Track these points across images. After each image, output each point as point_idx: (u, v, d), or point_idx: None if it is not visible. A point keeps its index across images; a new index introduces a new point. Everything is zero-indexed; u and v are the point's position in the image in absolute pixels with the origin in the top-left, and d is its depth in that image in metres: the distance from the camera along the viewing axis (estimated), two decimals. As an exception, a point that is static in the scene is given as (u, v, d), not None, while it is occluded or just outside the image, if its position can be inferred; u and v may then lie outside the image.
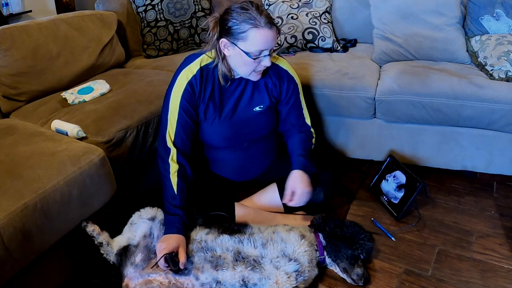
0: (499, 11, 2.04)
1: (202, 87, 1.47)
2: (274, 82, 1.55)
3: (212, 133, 1.54)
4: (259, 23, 1.32)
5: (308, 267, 1.40)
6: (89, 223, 1.42)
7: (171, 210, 1.44)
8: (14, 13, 3.76)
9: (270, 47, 1.38)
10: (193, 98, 1.48)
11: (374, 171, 2.07)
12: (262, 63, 1.41)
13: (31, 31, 2.00)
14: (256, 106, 1.54)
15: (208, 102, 1.49)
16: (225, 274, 1.34)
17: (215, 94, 1.49)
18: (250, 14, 1.33)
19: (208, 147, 1.63)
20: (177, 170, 1.46)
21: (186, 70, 1.48)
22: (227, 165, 1.67)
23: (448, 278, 1.47)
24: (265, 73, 1.53)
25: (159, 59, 2.48)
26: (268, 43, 1.36)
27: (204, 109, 1.50)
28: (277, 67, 1.55)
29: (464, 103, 1.80)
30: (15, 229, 1.20)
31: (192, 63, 1.49)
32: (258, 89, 1.54)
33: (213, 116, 1.51)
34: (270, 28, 1.34)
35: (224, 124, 1.53)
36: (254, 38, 1.33)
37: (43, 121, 1.77)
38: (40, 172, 1.34)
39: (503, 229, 1.69)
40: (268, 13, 1.37)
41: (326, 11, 2.44)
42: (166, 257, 1.32)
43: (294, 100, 1.61)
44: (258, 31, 1.33)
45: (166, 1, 2.48)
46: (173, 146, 1.47)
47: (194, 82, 1.46)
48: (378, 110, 1.96)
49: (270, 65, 1.45)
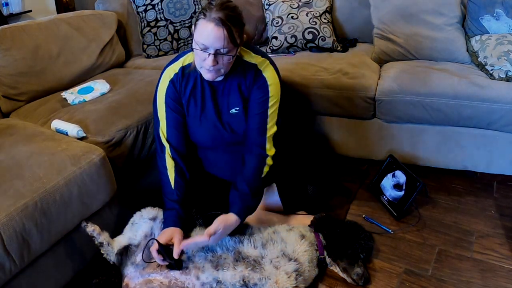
0: (499, 11, 2.04)
1: (183, 84, 1.48)
2: (248, 84, 1.48)
3: (195, 131, 1.54)
4: (207, 16, 1.29)
5: (308, 267, 1.40)
6: (89, 223, 1.42)
7: (169, 205, 1.46)
8: (14, 13, 3.76)
9: (213, 45, 1.29)
10: (176, 94, 1.49)
11: (374, 171, 2.07)
12: (205, 62, 1.34)
13: (31, 31, 2.00)
14: (232, 108, 1.50)
15: (189, 99, 1.50)
16: (225, 274, 1.34)
17: (197, 92, 1.49)
18: (208, 5, 1.30)
19: (198, 147, 1.63)
20: (174, 166, 1.48)
21: (169, 69, 1.50)
22: (219, 166, 1.66)
23: (448, 278, 1.47)
24: (242, 75, 1.47)
25: (159, 59, 2.48)
26: (210, 39, 1.28)
27: (187, 106, 1.51)
28: (259, 72, 1.47)
29: (464, 103, 1.80)
30: (15, 229, 1.20)
31: (176, 62, 1.51)
32: (233, 91, 1.49)
33: (195, 114, 1.51)
34: (216, 25, 1.27)
35: (206, 124, 1.52)
36: (199, 28, 1.31)
37: (43, 121, 1.77)
38: (40, 172, 1.34)
39: (503, 229, 1.69)
40: (228, 13, 1.29)
41: (326, 11, 2.44)
42: (158, 249, 1.32)
43: (258, 111, 1.47)
44: (204, 23, 1.29)
45: (166, 1, 2.48)
46: (167, 142, 1.50)
47: (175, 80, 1.48)
48: (378, 110, 1.96)
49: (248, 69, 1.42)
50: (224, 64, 1.36)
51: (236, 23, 1.31)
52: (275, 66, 1.51)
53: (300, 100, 2.07)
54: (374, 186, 1.93)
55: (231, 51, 1.33)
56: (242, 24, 1.35)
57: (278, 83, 1.49)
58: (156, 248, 1.32)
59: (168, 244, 1.35)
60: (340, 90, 1.98)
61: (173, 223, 1.41)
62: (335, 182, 2.03)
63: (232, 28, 1.29)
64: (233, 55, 1.35)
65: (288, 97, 2.08)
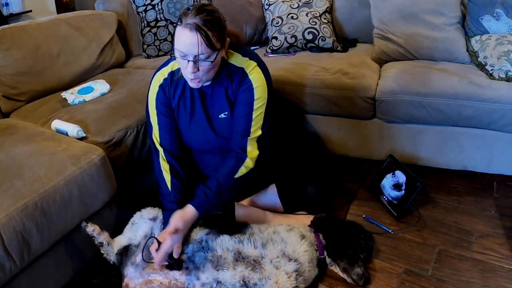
0: (499, 11, 2.04)
1: (172, 89, 1.48)
2: (234, 89, 1.44)
3: (187, 135, 1.53)
4: (181, 22, 1.26)
5: (308, 267, 1.40)
6: (89, 223, 1.42)
7: (167, 206, 1.46)
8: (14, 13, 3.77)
9: (190, 52, 1.26)
10: (166, 99, 1.49)
11: (374, 171, 2.07)
12: (187, 69, 1.31)
13: (31, 31, 2.00)
14: (221, 113, 1.49)
15: (179, 104, 1.49)
16: (225, 274, 1.34)
17: (186, 97, 1.48)
18: (185, 11, 1.28)
19: (192, 150, 1.62)
20: (169, 169, 1.48)
21: (158, 74, 1.50)
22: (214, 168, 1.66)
23: (448, 278, 1.47)
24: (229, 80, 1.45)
25: (159, 59, 2.48)
26: (186, 46, 1.26)
27: (176, 111, 1.50)
28: (245, 75, 1.43)
29: (464, 103, 1.80)
30: (15, 229, 1.20)
31: (165, 66, 1.50)
32: (221, 96, 1.47)
33: (185, 119, 1.51)
34: (190, 31, 1.24)
35: (196, 129, 1.51)
36: (176, 35, 1.29)
37: (43, 121, 1.77)
38: (40, 172, 1.34)
39: (503, 229, 1.69)
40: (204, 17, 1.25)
41: (326, 11, 2.44)
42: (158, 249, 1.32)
43: (242, 114, 1.43)
44: (180, 29, 1.27)
45: (166, 1, 2.48)
46: (161, 146, 1.50)
47: (164, 85, 1.48)
48: (378, 110, 1.96)
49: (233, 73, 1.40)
50: (204, 71, 1.31)
51: (213, 26, 1.26)
52: (264, 67, 1.46)
53: (300, 100, 2.07)
54: (374, 186, 1.94)
55: (210, 57, 1.29)
56: (221, 27, 1.29)
57: (264, 84, 1.43)
58: (156, 248, 1.32)
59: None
60: (340, 90, 1.98)
61: None
62: (335, 182, 2.03)
63: (208, 32, 1.24)
64: (212, 61, 1.29)
65: (288, 97, 2.09)
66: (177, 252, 1.34)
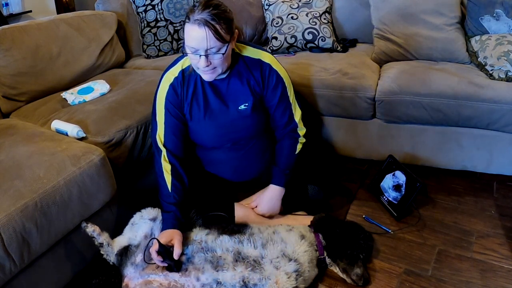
0: (499, 11, 2.04)
1: (184, 88, 1.48)
2: (257, 78, 1.50)
3: (199, 132, 1.54)
4: (189, 19, 1.29)
5: (308, 267, 1.40)
6: (89, 223, 1.42)
7: (166, 207, 1.46)
8: (14, 13, 3.77)
9: (201, 47, 1.30)
10: (177, 99, 1.49)
11: (374, 171, 2.07)
12: (199, 64, 1.35)
13: (31, 31, 2.00)
14: (241, 105, 1.51)
15: (192, 102, 1.50)
16: (225, 274, 1.34)
17: (199, 94, 1.49)
18: (192, 8, 1.31)
19: (200, 147, 1.63)
20: (170, 170, 1.48)
21: (168, 73, 1.50)
22: (222, 166, 1.66)
23: (448, 278, 1.47)
24: (249, 71, 1.49)
25: (159, 59, 2.48)
26: (196, 42, 1.29)
27: (189, 109, 1.51)
28: (259, 61, 1.50)
29: (464, 103, 1.80)
30: (15, 229, 1.20)
31: (175, 66, 1.50)
32: (241, 87, 1.50)
33: (198, 116, 1.51)
34: (198, 26, 1.27)
35: (210, 124, 1.52)
36: (186, 32, 1.32)
37: (43, 121, 1.77)
38: (40, 172, 1.34)
39: (503, 229, 1.69)
40: (211, 11, 1.28)
41: (326, 11, 2.44)
42: (158, 250, 1.32)
43: (280, 95, 1.53)
44: (188, 26, 1.30)
45: (166, 1, 2.48)
46: (164, 147, 1.49)
47: (176, 84, 1.48)
48: (378, 110, 1.96)
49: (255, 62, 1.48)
50: (217, 63, 1.36)
51: (220, 19, 1.29)
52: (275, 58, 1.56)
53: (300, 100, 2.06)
54: (374, 186, 1.94)
55: (221, 49, 1.33)
56: (228, 19, 1.33)
57: (283, 69, 1.55)
58: (156, 249, 1.32)
59: (167, 245, 1.35)
60: (340, 91, 1.98)
61: (172, 225, 1.41)
62: (335, 182, 2.03)
63: (216, 26, 1.28)
64: (223, 53, 1.34)
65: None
66: (177, 253, 1.34)
